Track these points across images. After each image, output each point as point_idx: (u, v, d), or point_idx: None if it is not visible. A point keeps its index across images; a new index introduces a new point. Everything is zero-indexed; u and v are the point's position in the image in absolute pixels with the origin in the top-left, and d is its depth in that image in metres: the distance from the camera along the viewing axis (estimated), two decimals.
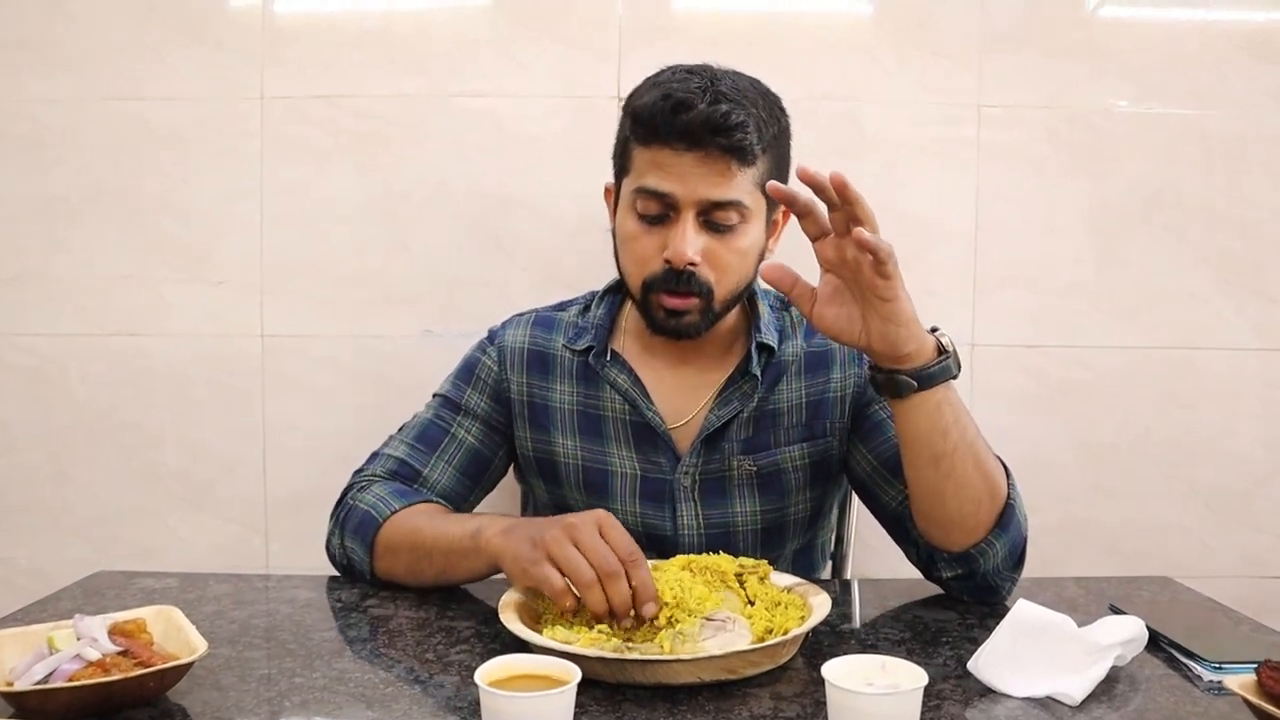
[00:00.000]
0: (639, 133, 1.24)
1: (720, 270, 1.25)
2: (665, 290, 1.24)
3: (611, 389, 1.33)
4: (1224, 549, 1.81)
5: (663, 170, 1.21)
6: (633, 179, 1.26)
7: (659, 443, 1.31)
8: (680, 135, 1.19)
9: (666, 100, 1.20)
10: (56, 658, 0.87)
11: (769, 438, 1.31)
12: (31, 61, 1.75)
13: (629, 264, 1.29)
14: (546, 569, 1.02)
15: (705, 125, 1.18)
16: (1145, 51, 1.76)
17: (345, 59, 1.75)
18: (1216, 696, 0.91)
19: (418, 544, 1.20)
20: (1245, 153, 1.76)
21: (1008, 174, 1.76)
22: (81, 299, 1.79)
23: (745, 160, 1.21)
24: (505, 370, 1.37)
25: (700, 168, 1.20)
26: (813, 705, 0.89)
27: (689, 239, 1.21)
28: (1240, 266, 1.78)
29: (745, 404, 1.31)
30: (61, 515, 1.82)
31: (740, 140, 1.19)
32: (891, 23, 1.76)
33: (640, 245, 1.26)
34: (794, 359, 1.34)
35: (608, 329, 1.36)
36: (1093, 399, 1.79)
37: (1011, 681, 0.92)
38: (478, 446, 1.36)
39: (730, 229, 1.24)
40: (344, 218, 1.77)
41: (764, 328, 1.33)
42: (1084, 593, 1.22)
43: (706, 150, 1.19)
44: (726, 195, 1.21)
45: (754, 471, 1.31)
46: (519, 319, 1.42)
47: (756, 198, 1.24)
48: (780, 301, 1.39)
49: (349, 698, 0.91)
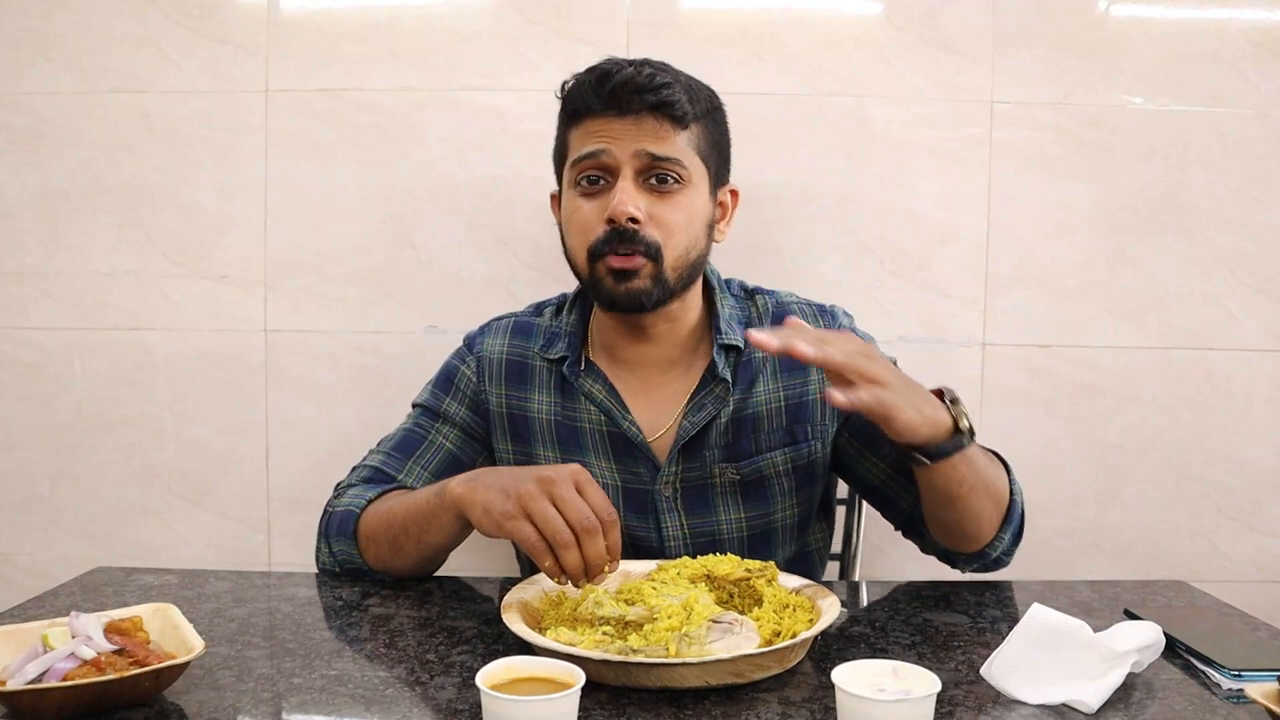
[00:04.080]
0: (569, 113, 1.25)
1: (665, 230, 1.22)
2: (610, 252, 1.21)
3: (587, 400, 1.30)
4: (1235, 553, 1.79)
5: (595, 136, 1.22)
6: (570, 158, 1.25)
7: (637, 453, 1.29)
8: (608, 102, 1.20)
9: (590, 73, 1.22)
10: (50, 656, 0.85)
11: (750, 444, 1.29)
12: (32, 54, 1.74)
13: (573, 239, 1.26)
14: (523, 525, 1.01)
15: (630, 86, 1.19)
16: (1158, 49, 1.74)
17: (349, 52, 1.74)
18: (1236, 705, 0.89)
19: (392, 522, 1.19)
20: (1259, 152, 1.74)
21: (1019, 173, 1.75)
22: (82, 294, 1.77)
23: (678, 120, 1.21)
24: (484, 381, 1.35)
25: (633, 129, 1.20)
26: (822, 711, 0.87)
27: (629, 193, 1.20)
28: (1253, 267, 1.76)
29: (719, 408, 1.28)
30: (61, 511, 1.81)
31: (668, 97, 1.19)
32: (901, 19, 1.74)
33: (582, 215, 1.24)
34: (766, 358, 1.30)
35: (581, 337, 1.34)
36: (1103, 400, 1.77)
37: (1026, 688, 0.90)
38: (455, 452, 1.34)
39: (671, 191, 1.22)
40: (347, 213, 1.76)
41: (724, 326, 1.30)
42: (1097, 597, 1.20)
43: (637, 114, 1.20)
44: (664, 150, 1.21)
45: (737, 479, 1.29)
46: (497, 325, 1.39)
47: (696, 164, 1.24)
48: (744, 290, 1.37)
49: (348, 699, 0.90)
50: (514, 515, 1.02)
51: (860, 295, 1.74)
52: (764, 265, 1.74)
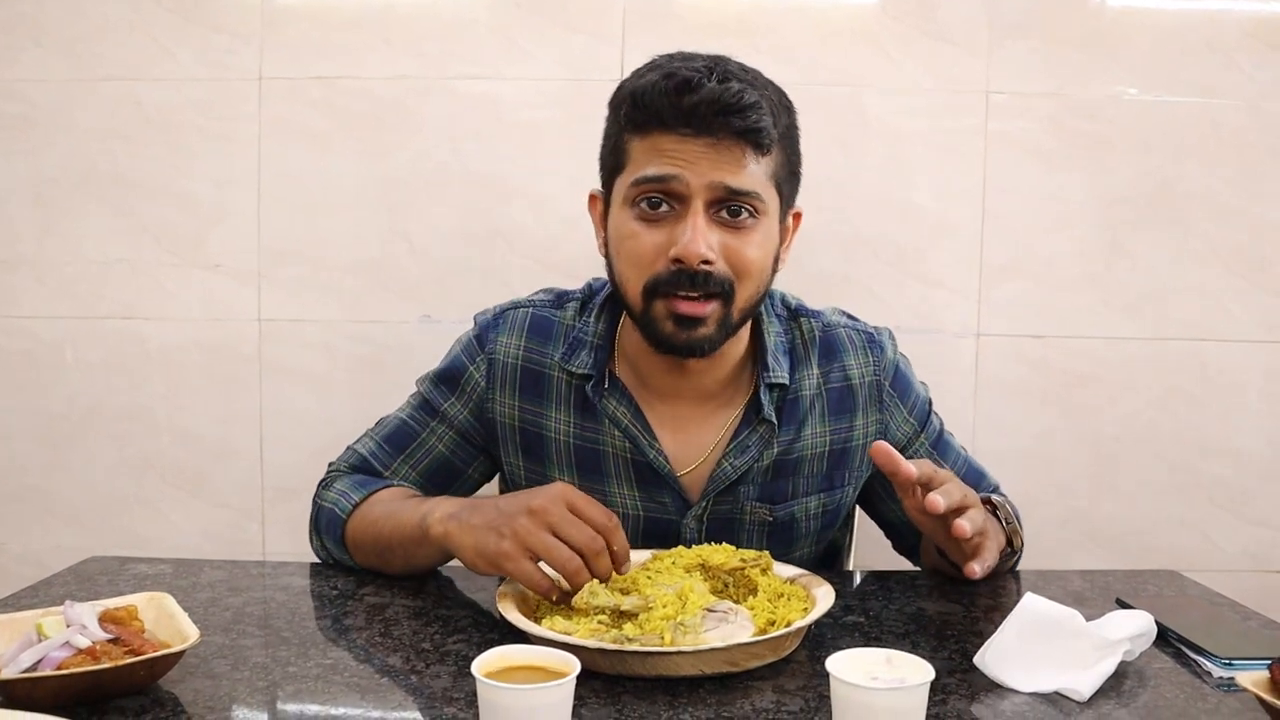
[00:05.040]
0: (636, 119, 1.10)
1: (739, 269, 1.10)
2: (675, 294, 1.09)
3: (611, 424, 1.20)
4: (1228, 543, 1.80)
5: (666, 156, 1.08)
6: (630, 172, 1.11)
7: (664, 484, 1.21)
8: (686, 119, 1.06)
9: (669, 80, 1.07)
10: (45, 645, 0.85)
11: (788, 486, 1.22)
12: (25, 41, 1.73)
13: (626, 268, 1.12)
14: (524, 565, 0.98)
15: (715, 105, 1.05)
16: (1153, 41, 1.74)
17: (343, 40, 1.73)
18: (1227, 693, 0.90)
19: (379, 538, 1.17)
20: (1254, 143, 1.75)
21: (1014, 164, 1.75)
22: (75, 283, 1.77)
23: (760, 148, 1.08)
24: (494, 389, 1.24)
25: (710, 154, 1.07)
26: (816, 699, 0.87)
27: (701, 230, 1.07)
28: (1248, 259, 1.76)
29: (763, 449, 1.20)
30: (55, 501, 1.80)
31: (756, 122, 1.06)
32: (898, 10, 1.74)
33: (640, 244, 1.10)
34: (814, 396, 1.22)
35: (608, 350, 1.22)
36: (1097, 391, 1.78)
37: (1018, 676, 0.90)
38: (448, 455, 1.27)
39: (745, 227, 1.10)
40: (341, 202, 1.75)
41: (771, 361, 1.20)
42: (1089, 586, 1.20)
43: (717, 136, 1.06)
44: (743, 184, 1.08)
45: (770, 520, 1.23)
46: (514, 317, 1.26)
47: (771, 194, 1.12)
48: (787, 308, 1.27)
49: (343, 687, 0.90)
50: (513, 555, 0.98)
51: (855, 286, 1.74)
52: None
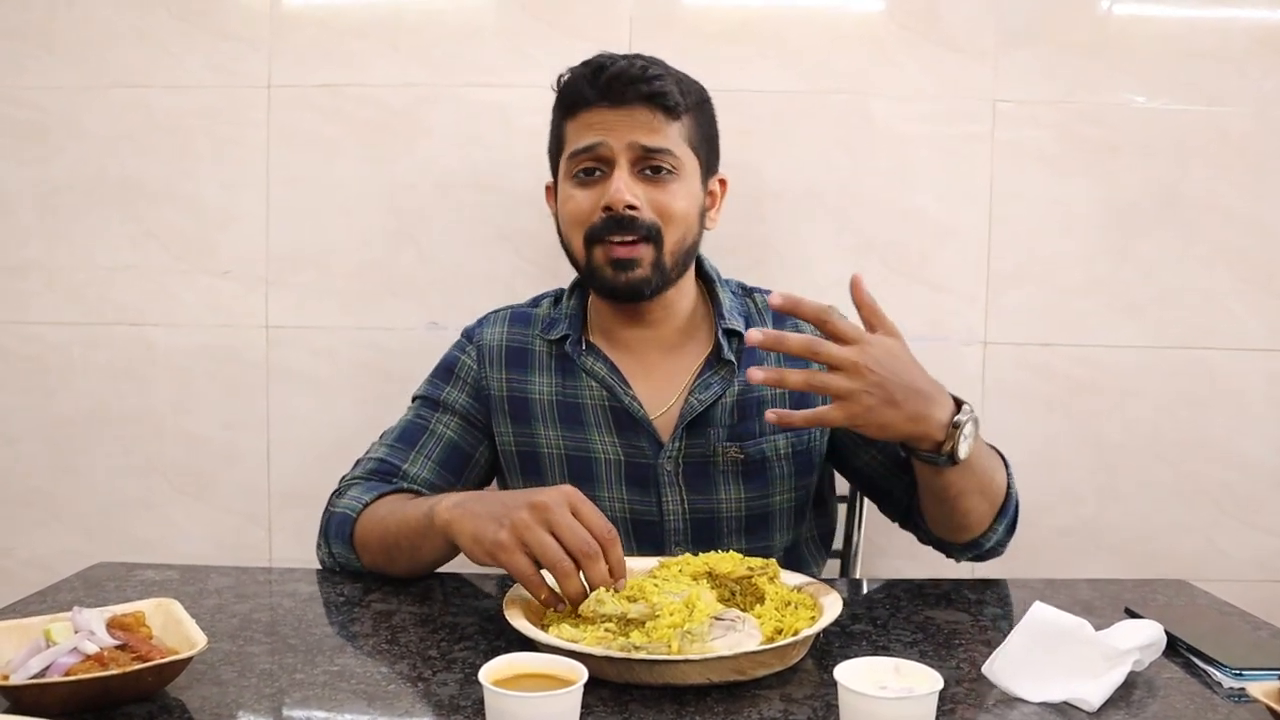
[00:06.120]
0: (565, 104, 1.31)
1: (664, 217, 1.27)
2: (609, 239, 1.26)
3: (589, 376, 1.34)
4: (1235, 552, 1.79)
5: (591, 128, 1.27)
6: (566, 151, 1.30)
7: (639, 428, 1.32)
8: (603, 93, 1.26)
9: (587, 66, 1.29)
10: (53, 651, 0.85)
11: (754, 425, 1.31)
12: (35, 49, 1.74)
13: (569, 228, 1.31)
14: (517, 557, 0.99)
15: (624, 78, 1.25)
16: (1160, 48, 1.73)
17: (351, 47, 1.73)
18: (1238, 704, 0.89)
19: (385, 534, 1.19)
20: (1260, 150, 1.74)
21: (1020, 171, 1.74)
22: (84, 288, 1.77)
23: (669, 111, 1.27)
24: (485, 368, 1.37)
25: (627, 120, 1.26)
26: (824, 708, 0.87)
27: (626, 182, 1.25)
28: (1255, 265, 1.76)
29: (725, 388, 1.31)
30: (62, 506, 1.80)
31: (660, 88, 1.25)
32: (904, 16, 1.73)
33: (578, 203, 1.29)
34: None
35: (581, 320, 1.37)
36: (1104, 398, 1.77)
37: (1027, 686, 0.90)
38: (456, 440, 1.35)
39: (665, 181, 1.27)
40: (349, 208, 1.76)
41: (728, 314, 1.34)
42: (1098, 595, 1.20)
43: (631, 105, 1.26)
44: (657, 142, 1.26)
45: (740, 459, 1.31)
46: (495, 316, 1.42)
47: (688, 154, 1.29)
48: (742, 288, 1.41)
49: (350, 695, 0.90)
50: (507, 547, 0.99)
51: None
52: (766, 262, 1.73)
